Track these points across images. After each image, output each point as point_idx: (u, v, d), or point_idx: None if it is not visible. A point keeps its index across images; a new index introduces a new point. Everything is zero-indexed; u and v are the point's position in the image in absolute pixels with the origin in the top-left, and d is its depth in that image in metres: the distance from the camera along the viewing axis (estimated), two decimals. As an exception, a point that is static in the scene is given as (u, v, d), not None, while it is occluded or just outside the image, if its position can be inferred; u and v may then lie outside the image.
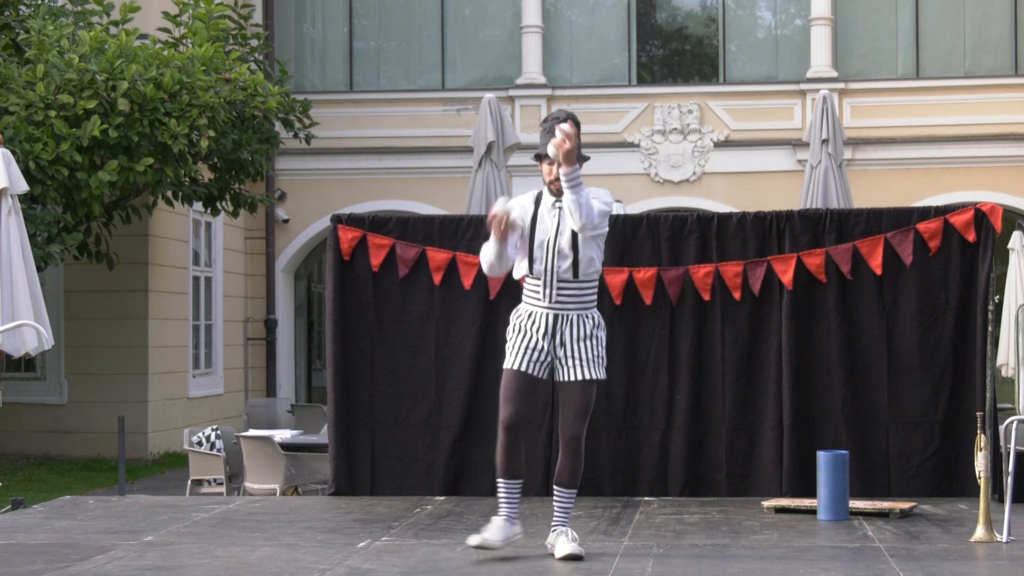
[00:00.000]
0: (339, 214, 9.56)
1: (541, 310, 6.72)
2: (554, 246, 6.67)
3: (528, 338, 6.71)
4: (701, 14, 20.23)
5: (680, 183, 19.21)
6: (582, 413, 6.70)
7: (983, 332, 8.84)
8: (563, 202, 6.59)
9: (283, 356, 19.90)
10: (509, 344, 6.77)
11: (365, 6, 20.25)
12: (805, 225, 9.16)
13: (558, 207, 6.71)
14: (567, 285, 6.68)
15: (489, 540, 6.73)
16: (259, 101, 14.95)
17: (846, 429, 9.02)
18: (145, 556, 6.88)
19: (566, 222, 6.66)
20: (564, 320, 6.69)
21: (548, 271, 6.68)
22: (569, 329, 6.69)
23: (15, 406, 15.80)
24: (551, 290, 6.67)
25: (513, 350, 6.74)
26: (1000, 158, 18.78)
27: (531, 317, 6.73)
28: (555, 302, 6.67)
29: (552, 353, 6.70)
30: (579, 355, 6.69)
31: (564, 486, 6.76)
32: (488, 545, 6.72)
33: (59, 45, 13.76)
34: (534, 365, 6.69)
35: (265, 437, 10.84)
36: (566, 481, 6.75)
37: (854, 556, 6.81)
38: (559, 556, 6.66)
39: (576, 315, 6.71)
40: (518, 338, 6.73)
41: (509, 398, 6.68)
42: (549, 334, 6.69)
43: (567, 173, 6.50)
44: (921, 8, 19.40)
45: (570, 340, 6.69)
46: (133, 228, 16.05)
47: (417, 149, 19.49)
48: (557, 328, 6.69)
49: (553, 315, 6.69)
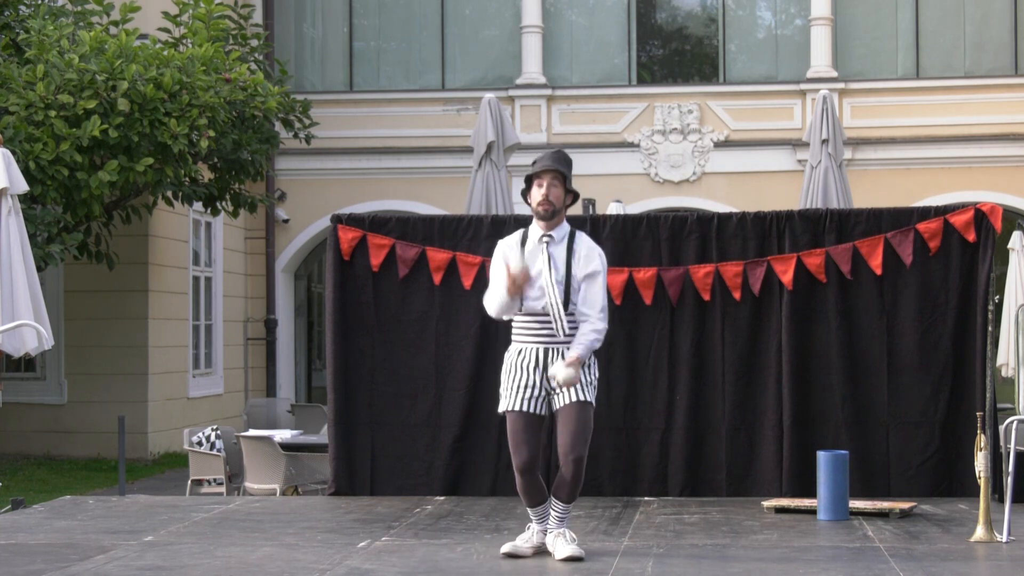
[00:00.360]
0: (339, 214, 9.56)
1: (531, 346, 6.71)
2: (551, 281, 6.67)
3: (521, 377, 6.72)
4: (701, 14, 20.23)
5: (680, 183, 19.21)
6: (581, 436, 6.65)
7: (983, 332, 8.84)
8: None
9: (283, 356, 19.90)
10: (504, 386, 6.78)
11: (365, 6, 20.25)
12: (805, 225, 9.16)
13: (545, 241, 6.75)
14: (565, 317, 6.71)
15: (520, 548, 6.80)
16: (259, 101, 14.95)
17: (846, 429, 9.02)
18: (145, 556, 6.88)
19: (556, 258, 6.71)
20: (556, 353, 6.69)
21: (555, 306, 6.67)
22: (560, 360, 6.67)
23: (15, 406, 15.80)
24: (561, 324, 6.68)
25: (509, 391, 6.75)
26: (1000, 158, 18.77)
27: (521, 354, 6.75)
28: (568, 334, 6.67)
29: (547, 385, 6.70)
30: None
31: (563, 502, 6.75)
32: (519, 553, 6.77)
33: (59, 45, 13.76)
34: (531, 403, 6.70)
35: (265, 437, 10.84)
36: (565, 498, 6.73)
37: (854, 556, 6.81)
38: (559, 557, 6.66)
39: (566, 348, 6.69)
40: (511, 378, 6.75)
41: (519, 443, 6.68)
42: (540, 368, 6.70)
43: (578, 367, 6.61)
44: (921, 8, 19.40)
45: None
46: (133, 228, 16.05)
47: (417, 149, 19.48)
48: (549, 361, 6.69)
49: (544, 348, 6.70)
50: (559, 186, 6.75)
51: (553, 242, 6.76)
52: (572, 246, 6.79)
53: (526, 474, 6.69)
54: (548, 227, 6.77)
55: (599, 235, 9.23)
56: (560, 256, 6.74)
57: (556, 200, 6.74)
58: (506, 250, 6.78)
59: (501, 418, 7.68)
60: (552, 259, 6.71)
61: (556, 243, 6.77)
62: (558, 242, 6.77)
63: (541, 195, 6.73)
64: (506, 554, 6.75)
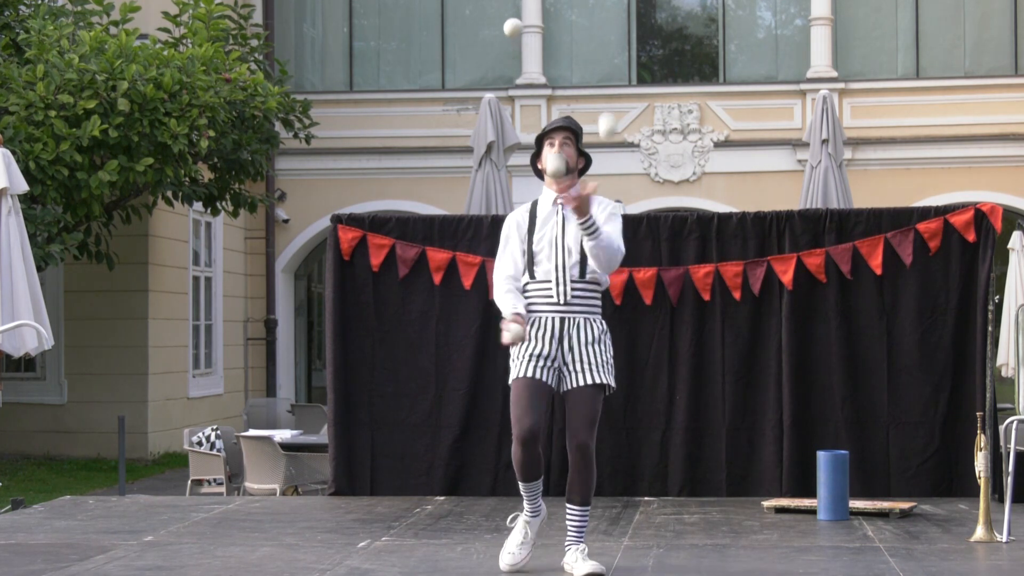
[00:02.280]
0: (339, 214, 9.57)
1: (548, 315, 6.37)
2: (562, 243, 6.37)
3: (535, 345, 6.34)
4: (701, 14, 20.23)
5: (680, 183, 19.21)
6: (590, 420, 6.29)
7: (983, 332, 8.84)
8: (585, 245, 6.30)
9: (283, 356, 19.90)
10: (514, 355, 6.40)
11: (365, 6, 20.24)
12: (805, 225, 9.16)
13: (559, 203, 6.43)
14: (576, 284, 6.36)
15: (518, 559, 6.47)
16: (259, 101, 14.95)
17: (846, 429, 9.02)
18: (145, 556, 6.88)
19: (570, 219, 6.37)
20: (572, 323, 6.35)
21: (559, 268, 6.36)
22: (577, 332, 6.34)
23: (15, 406, 15.80)
24: (564, 287, 6.34)
25: (519, 360, 6.36)
26: (1000, 158, 18.77)
27: (535, 324, 6.37)
28: (567, 302, 6.34)
29: (560, 359, 6.35)
30: (588, 359, 6.32)
31: (578, 504, 6.36)
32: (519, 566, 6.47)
33: (59, 45, 13.76)
34: (543, 372, 6.31)
35: (265, 437, 10.83)
36: (579, 499, 6.35)
37: (854, 556, 6.81)
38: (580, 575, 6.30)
39: (583, 319, 6.36)
40: (523, 347, 6.35)
41: (524, 409, 6.25)
42: (556, 338, 6.34)
43: (582, 223, 6.23)
44: (921, 8, 19.40)
45: (579, 344, 6.34)
46: (133, 228, 16.05)
47: (417, 149, 19.48)
48: (565, 332, 6.34)
49: (560, 318, 6.35)
50: (571, 146, 6.46)
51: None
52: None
53: (527, 445, 6.25)
54: (561, 188, 6.43)
55: (599, 235, 9.23)
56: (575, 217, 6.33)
57: (570, 159, 6.43)
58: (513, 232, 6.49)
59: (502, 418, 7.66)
60: (567, 220, 6.39)
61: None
62: None
63: (555, 152, 6.41)
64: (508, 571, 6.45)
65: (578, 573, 6.30)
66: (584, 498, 6.35)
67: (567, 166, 6.39)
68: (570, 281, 6.36)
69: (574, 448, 6.29)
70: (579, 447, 6.28)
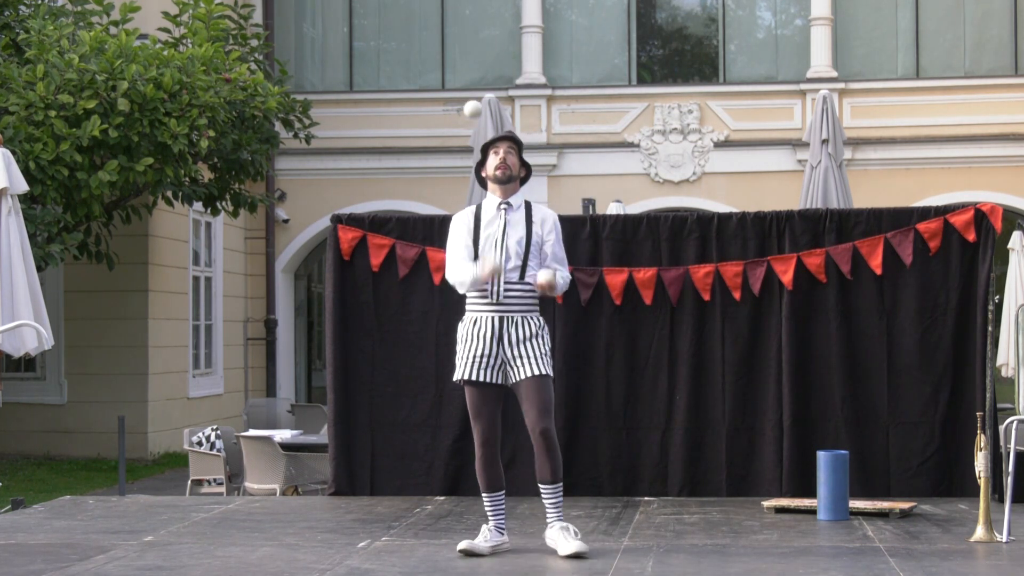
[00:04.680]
0: (339, 214, 9.56)
1: (486, 314, 6.82)
2: (501, 245, 6.81)
3: (475, 345, 6.81)
4: (701, 14, 20.23)
5: (680, 183, 19.21)
6: (544, 409, 6.72)
7: (983, 332, 8.84)
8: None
9: (283, 356, 19.90)
10: (458, 356, 6.87)
11: (365, 6, 20.25)
12: (805, 225, 9.16)
13: (503, 208, 6.91)
14: (513, 285, 6.80)
15: (477, 546, 6.79)
16: (259, 101, 14.96)
17: (846, 429, 9.02)
18: (145, 556, 6.88)
19: (512, 223, 6.86)
20: (510, 322, 6.80)
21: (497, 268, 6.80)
22: (515, 330, 6.78)
23: (15, 406, 15.80)
24: (498, 287, 6.79)
25: (463, 361, 6.84)
26: (1000, 158, 18.78)
27: (476, 324, 6.85)
28: (500, 301, 6.78)
29: (502, 356, 6.78)
30: (527, 353, 6.75)
31: (548, 483, 6.77)
32: (476, 551, 6.76)
33: (59, 45, 13.76)
34: (486, 372, 6.79)
35: (265, 437, 10.83)
36: (549, 477, 6.76)
37: (854, 556, 6.81)
38: (564, 554, 6.65)
39: (520, 316, 6.81)
40: (466, 347, 6.84)
41: (476, 414, 6.84)
42: (496, 337, 6.79)
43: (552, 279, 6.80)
44: (921, 8, 19.40)
45: (517, 341, 6.77)
46: (133, 228, 16.05)
47: (417, 149, 19.49)
48: (504, 330, 6.79)
49: (499, 317, 6.80)
50: (514, 154, 6.97)
51: (511, 209, 6.92)
52: (530, 213, 6.96)
53: (487, 446, 6.80)
54: (505, 194, 6.95)
55: (599, 235, 9.24)
56: (518, 221, 6.89)
57: (513, 166, 6.94)
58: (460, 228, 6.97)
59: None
60: (508, 224, 6.85)
61: (514, 210, 6.93)
62: (515, 209, 6.93)
63: (499, 159, 6.92)
64: (462, 551, 6.75)
65: (563, 552, 6.65)
66: (554, 476, 6.78)
67: (475, 111, 7.34)
68: (505, 282, 6.80)
69: (537, 435, 6.72)
70: (541, 433, 6.73)
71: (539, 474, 6.78)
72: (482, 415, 6.81)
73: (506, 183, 6.92)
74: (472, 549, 6.76)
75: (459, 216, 7.06)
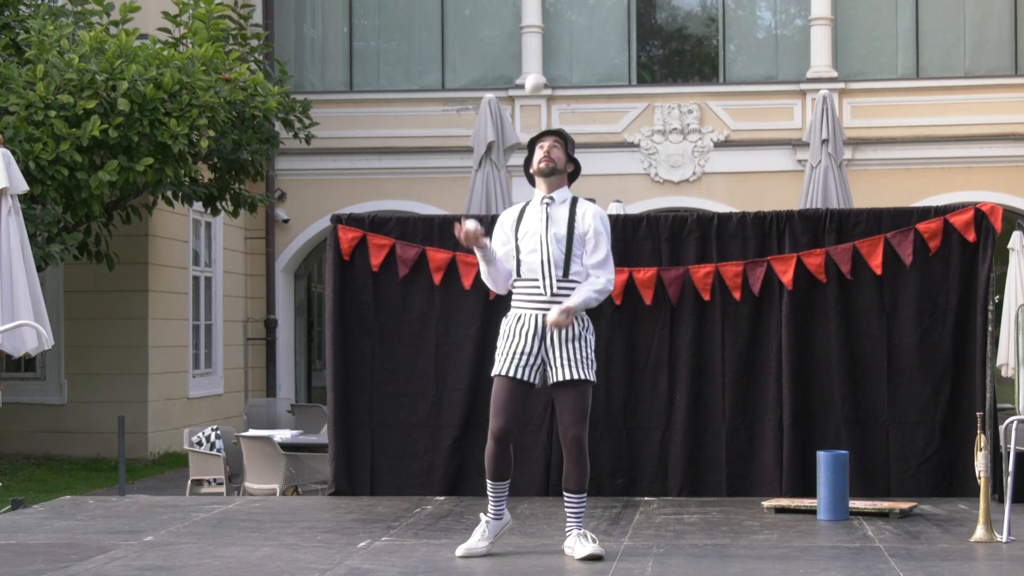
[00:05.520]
0: (339, 214, 9.56)
1: (530, 311, 6.67)
2: (546, 237, 6.67)
3: (517, 342, 6.67)
4: (701, 14, 20.23)
5: (680, 183, 19.21)
6: (580, 415, 6.63)
7: (983, 332, 8.84)
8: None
9: (283, 356, 19.90)
10: (499, 351, 6.74)
11: (365, 6, 20.24)
12: (805, 225, 9.16)
13: (546, 203, 6.77)
14: (560, 281, 6.66)
15: (474, 548, 6.75)
16: (259, 101, 14.95)
17: (846, 429, 9.02)
18: (145, 556, 6.88)
19: (554, 217, 6.72)
20: None
21: (545, 262, 6.66)
22: (558, 329, 6.62)
23: (15, 406, 15.80)
24: (550, 281, 6.64)
25: (502, 356, 6.71)
26: (1000, 158, 18.77)
27: (520, 320, 6.70)
28: (554, 295, 6.63)
29: (543, 355, 6.65)
30: (568, 355, 6.62)
31: (573, 491, 6.70)
32: (473, 554, 6.73)
33: (59, 45, 13.76)
34: (524, 370, 6.65)
35: (265, 437, 10.83)
36: (574, 487, 6.68)
37: (854, 556, 6.81)
38: (579, 557, 6.61)
39: None
40: (507, 343, 6.71)
41: (500, 408, 6.65)
42: (539, 335, 6.65)
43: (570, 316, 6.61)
44: (921, 8, 19.40)
45: (559, 340, 6.63)
46: (133, 228, 16.06)
47: (417, 149, 19.49)
48: (547, 328, 6.63)
49: (542, 315, 6.64)
50: (560, 148, 6.82)
51: (554, 204, 6.78)
52: (574, 208, 6.80)
53: (500, 442, 6.65)
54: (549, 188, 6.80)
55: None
56: (561, 216, 6.74)
57: (557, 159, 6.80)
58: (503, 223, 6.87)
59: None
60: (551, 218, 6.71)
61: (557, 204, 6.78)
62: (559, 204, 6.79)
63: (543, 152, 6.79)
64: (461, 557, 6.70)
65: (578, 555, 6.62)
66: (579, 486, 6.68)
67: (536, 84, 7.02)
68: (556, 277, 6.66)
69: (568, 441, 6.65)
70: (573, 440, 6.63)
71: (565, 482, 6.71)
72: (506, 411, 6.64)
73: (549, 175, 6.77)
74: (469, 554, 6.73)
75: (505, 212, 6.99)
